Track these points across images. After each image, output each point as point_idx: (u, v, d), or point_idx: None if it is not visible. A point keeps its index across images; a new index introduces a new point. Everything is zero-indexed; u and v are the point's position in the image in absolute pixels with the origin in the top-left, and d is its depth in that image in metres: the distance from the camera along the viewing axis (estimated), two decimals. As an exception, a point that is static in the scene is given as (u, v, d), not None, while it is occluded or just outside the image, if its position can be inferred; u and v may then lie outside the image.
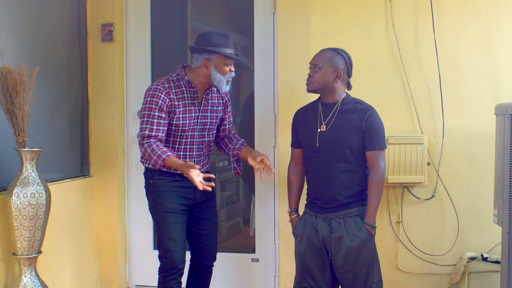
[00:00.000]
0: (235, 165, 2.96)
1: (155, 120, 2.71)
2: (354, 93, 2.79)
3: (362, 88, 3.25)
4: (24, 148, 2.76)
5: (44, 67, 3.11)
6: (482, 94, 3.22)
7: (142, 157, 2.87)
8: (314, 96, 2.76)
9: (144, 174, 2.91)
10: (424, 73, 3.26)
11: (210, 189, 2.64)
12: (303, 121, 2.75)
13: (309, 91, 2.67)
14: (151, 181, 2.84)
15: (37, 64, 2.90)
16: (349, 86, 2.72)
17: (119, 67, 3.63)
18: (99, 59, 3.61)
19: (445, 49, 3.23)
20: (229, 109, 3.02)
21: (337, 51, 2.65)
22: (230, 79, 2.80)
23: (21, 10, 3.05)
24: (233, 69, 2.80)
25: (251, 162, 2.82)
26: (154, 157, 2.68)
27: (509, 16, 3.19)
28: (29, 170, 2.76)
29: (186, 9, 4.18)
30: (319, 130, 2.64)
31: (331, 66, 2.61)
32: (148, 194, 2.88)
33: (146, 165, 2.85)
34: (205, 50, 2.73)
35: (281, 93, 3.42)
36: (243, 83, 4.69)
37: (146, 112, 2.73)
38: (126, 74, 3.68)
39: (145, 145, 2.71)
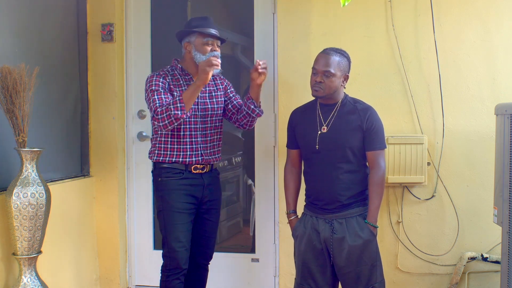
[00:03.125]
0: (253, 107, 2.88)
1: (163, 96, 2.72)
2: (354, 93, 2.79)
3: (362, 88, 3.25)
4: (24, 148, 2.76)
5: (44, 67, 3.10)
6: (482, 94, 3.22)
7: (150, 152, 2.88)
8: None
9: (152, 172, 2.91)
10: (424, 73, 3.26)
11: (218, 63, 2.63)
12: (301, 122, 2.73)
13: (318, 97, 2.64)
14: (159, 179, 2.83)
15: (37, 64, 2.90)
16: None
17: (119, 67, 3.63)
18: (99, 59, 3.61)
19: (445, 49, 3.23)
20: (230, 90, 3.02)
21: (341, 53, 2.63)
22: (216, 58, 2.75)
23: (21, 10, 3.05)
24: (215, 48, 2.82)
25: (254, 76, 2.81)
26: (172, 108, 2.61)
27: (509, 16, 3.19)
28: (29, 170, 2.76)
29: (186, 9, 4.18)
30: (319, 132, 2.64)
31: (340, 70, 2.59)
32: (155, 192, 2.88)
33: (155, 157, 2.84)
34: (184, 32, 2.83)
35: (281, 93, 3.42)
36: (243, 83, 4.69)
37: (150, 94, 2.75)
38: (126, 74, 3.68)
39: (161, 111, 2.64)
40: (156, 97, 2.71)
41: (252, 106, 2.88)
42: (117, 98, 3.61)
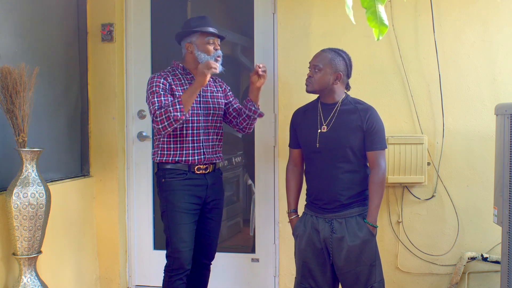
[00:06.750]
0: (254, 108, 2.90)
1: (162, 98, 2.72)
2: (354, 93, 2.79)
3: (362, 88, 3.25)
4: (24, 148, 2.76)
5: (44, 67, 3.11)
6: (482, 94, 3.22)
7: (153, 153, 2.89)
8: (314, 96, 2.76)
9: (156, 173, 2.92)
10: (424, 73, 3.26)
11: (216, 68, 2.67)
12: (302, 122, 2.74)
13: (308, 91, 2.67)
14: (163, 180, 2.83)
15: (37, 64, 2.91)
16: (347, 87, 2.71)
17: (119, 67, 3.63)
18: (99, 59, 3.61)
19: (445, 49, 3.24)
20: (230, 93, 3.06)
21: (337, 52, 2.64)
22: (219, 58, 2.83)
23: (21, 10, 3.05)
24: (218, 47, 2.85)
25: (254, 79, 2.83)
26: (171, 109, 2.63)
27: (509, 16, 3.19)
28: (29, 170, 2.76)
29: (186, 9, 4.18)
30: (319, 131, 2.64)
31: (332, 67, 2.60)
32: (159, 193, 2.88)
33: (158, 158, 2.84)
34: (185, 33, 2.84)
35: (281, 93, 3.42)
36: (243, 83, 4.69)
37: (151, 96, 2.75)
38: (126, 74, 3.68)
39: (160, 113, 2.65)
40: (155, 99, 2.72)
41: (253, 108, 2.90)
42: (117, 98, 3.61)
